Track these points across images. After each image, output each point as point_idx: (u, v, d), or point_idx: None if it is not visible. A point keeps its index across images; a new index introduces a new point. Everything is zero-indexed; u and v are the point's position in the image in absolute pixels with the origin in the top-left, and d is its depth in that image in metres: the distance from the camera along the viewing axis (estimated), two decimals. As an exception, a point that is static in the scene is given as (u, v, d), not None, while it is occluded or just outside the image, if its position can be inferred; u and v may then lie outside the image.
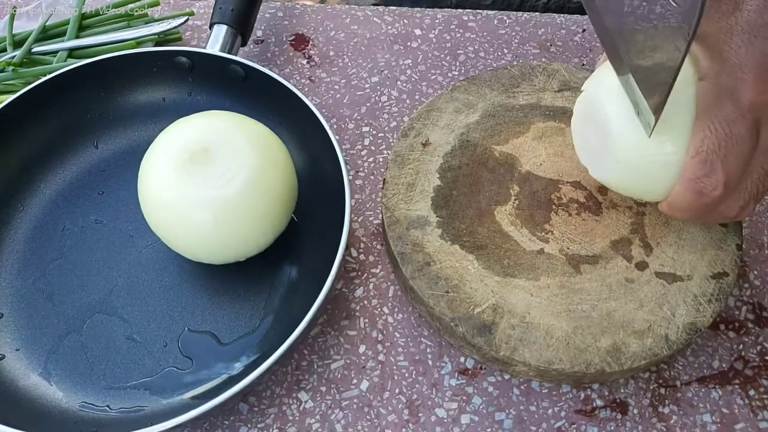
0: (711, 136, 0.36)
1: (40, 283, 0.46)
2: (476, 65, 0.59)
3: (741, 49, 0.35)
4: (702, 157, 0.37)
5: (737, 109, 0.36)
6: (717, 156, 0.37)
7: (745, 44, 0.35)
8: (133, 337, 0.44)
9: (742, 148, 0.36)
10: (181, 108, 0.52)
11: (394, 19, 0.62)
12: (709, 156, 0.37)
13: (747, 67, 0.35)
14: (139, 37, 0.57)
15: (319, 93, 0.58)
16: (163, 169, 0.42)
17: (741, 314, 0.47)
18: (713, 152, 0.37)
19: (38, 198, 0.50)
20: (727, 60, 0.36)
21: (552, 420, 0.43)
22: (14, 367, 0.43)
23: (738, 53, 0.35)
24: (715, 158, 0.37)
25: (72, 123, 0.52)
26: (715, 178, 0.37)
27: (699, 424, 0.42)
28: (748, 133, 0.36)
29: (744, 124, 0.36)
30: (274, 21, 0.62)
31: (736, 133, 0.36)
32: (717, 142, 0.36)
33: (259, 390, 0.44)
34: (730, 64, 0.35)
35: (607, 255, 0.44)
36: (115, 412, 0.42)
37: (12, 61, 0.55)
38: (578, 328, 0.41)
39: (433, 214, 0.46)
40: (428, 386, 0.44)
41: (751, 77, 0.35)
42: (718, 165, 0.37)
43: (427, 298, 0.42)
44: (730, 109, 0.36)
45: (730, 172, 0.37)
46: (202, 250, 0.43)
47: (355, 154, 0.54)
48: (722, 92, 0.36)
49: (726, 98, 0.36)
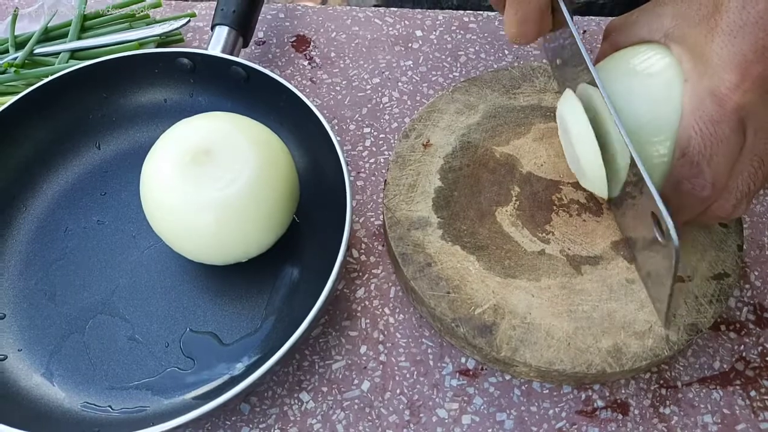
0: (696, 137, 0.37)
1: (42, 283, 0.47)
2: (477, 66, 0.59)
3: (723, 50, 0.35)
4: (688, 159, 0.37)
5: (721, 110, 0.36)
6: (703, 157, 0.37)
7: (726, 45, 0.35)
8: (135, 337, 0.44)
9: (728, 147, 0.37)
10: (183, 109, 0.52)
11: (395, 21, 0.62)
12: (696, 157, 0.37)
13: (729, 67, 0.35)
14: (141, 38, 0.57)
15: (320, 94, 0.58)
16: (165, 171, 0.42)
17: (742, 315, 0.47)
18: (699, 153, 0.37)
19: (41, 199, 0.50)
20: (709, 61, 0.36)
21: (553, 420, 0.43)
22: (17, 368, 0.43)
23: (720, 54, 0.35)
24: (701, 159, 0.37)
25: (74, 124, 0.52)
26: (703, 179, 0.37)
27: (700, 425, 0.42)
28: (733, 133, 0.36)
29: (729, 124, 0.36)
30: (276, 22, 0.62)
31: (721, 134, 0.36)
32: (703, 143, 0.37)
33: (261, 390, 0.44)
34: (713, 65, 0.36)
35: (608, 256, 0.44)
36: (117, 413, 0.42)
37: (14, 63, 0.55)
38: (579, 328, 0.41)
39: (434, 215, 0.46)
40: (429, 387, 0.44)
41: (734, 77, 0.35)
42: (705, 165, 0.37)
43: (428, 299, 0.42)
44: (715, 109, 0.36)
45: (717, 173, 0.37)
46: (203, 251, 0.43)
47: (357, 155, 0.54)
48: (705, 93, 0.36)
49: (710, 99, 0.36)
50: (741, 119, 0.36)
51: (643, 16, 0.41)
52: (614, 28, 0.43)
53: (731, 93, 0.35)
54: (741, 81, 0.35)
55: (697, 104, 0.37)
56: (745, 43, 0.35)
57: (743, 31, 0.35)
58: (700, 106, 0.37)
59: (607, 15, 0.62)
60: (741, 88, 0.35)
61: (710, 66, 0.36)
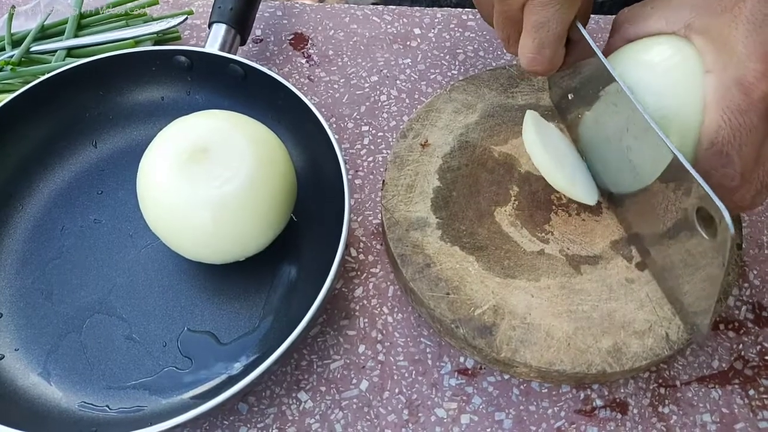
0: (725, 127, 0.36)
1: (39, 282, 0.46)
2: (476, 64, 0.59)
3: (748, 39, 0.35)
4: (717, 149, 0.37)
5: (749, 99, 0.36)
6: (732, 146, 0.36)
7: (751, 34, 0.35)
8: (133, 336, 0.44)
9: (756, 137, 0.36)
10: (180, 107, 0.52)
11: (394, 18, 0.62)
12: (725, 147, 0.37)
13: (755, 57, 0.35)
14: (138, 36, 0.57)
15: (318, 92, 0.57)
16: (162, 169, 0.41)
17: (741, 314, 0.47)
18: (728, 143, 0.37)
19: (37, 197, 0.50)
20: (733, 51, 0.36)
21: (552, 420, 0.43)
22: (13, 367, 0.43)
23: (745, 43, 0.35)
24: (730, 149, 0.37)
25: (71, 122, 0.52)
26: (732, 169, 0.37)
27: (699, 424, 0.42)
28: (760, 122, 0.36)
29: (756, 113, 0.36)
30: (273, 20, 0.62)
31: (749, 123, 0.36)
32: (732, 133, 0.36)
33: (259, 390, 0.44)
34: (738, 55, 0.36)
35: (608, 255, 0.44)
36: (115, 412, 0.42)
37: (10, 61, 0.55)
38: (579, 328, 0.41)
39: (433, 215, 0.46)
40: (428, 386, 0.44)
41: (761, 66, 0.35)
42: (735, 155, 0.37)
43: (427, 300, 0.42)
44: (741, 98, 0.36)
45: (747, 162, 0.37)
46: (201, 250, 0.43)
47: (355, 154, 0.54)
48: (731, 83, 0.36)
49: (736, 89, 0.36)
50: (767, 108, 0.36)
51: (659, 7, 0.40)
52: (626, 19, 0.42)
53: (758, 82, 0.35)
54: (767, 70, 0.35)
55: (723, 94, 0.36)
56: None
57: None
58: (726, 95, 0.36)
59: (606, 13, 0.62)
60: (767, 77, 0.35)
61: (735, 56, 0.36)
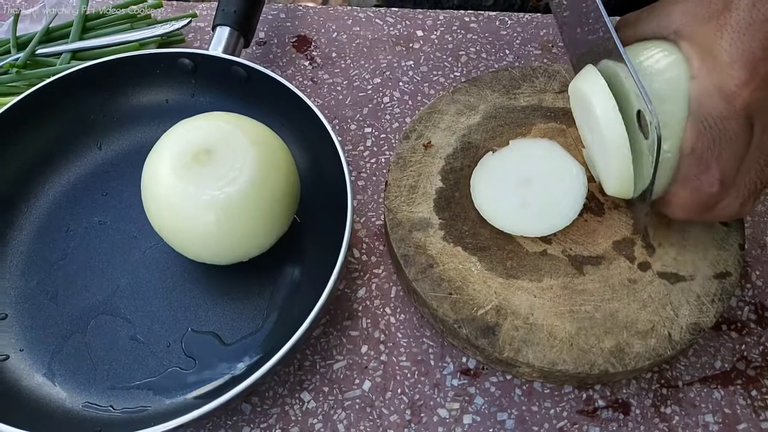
0: (705, 134, 0.37)
1: (44, 283, 0.47)
2: (478, 66, 0.59)
3: (732, 47, 0.36)
4: (697, 155, 0.37)
5: (729, 106, 0.36)
6: (711, 153, 0.37)
7: (735, 42, 0.35)
8: (137, 337, 0.44)
9: (736, 144, 0.37)
10: (184, 109, 0.52)
11: (396, 21, 0.62)
12: (704, 153, 0.37)
13: (738, 65, 0.35)
14: (142, 38, 0.57)
15: (321, 94, 0.58)
16: (166, 171, 0.42)
17: (743, 314, 0.47)
18: (707, 149, 0.37)
19: (42, 199, 0.50)
20: (717, 58, 0.36)
21: (554, 420, 0.43)
22: (18, 368, 0.43)
23: (729, 51, 0.36)
24: (709, 155, 0.37)
25: (75, 125, 0.52)
26: (711, 175, 0.37)
27: (701, 425, 0.42)
28: (741, 130, 0.36)
29: (737, 121, 0.36)
30: (277, 23, 0.63)
31: (729, 130, 0.36)
32: (711, 140, 0.37)
33: (262, 390, 0.44)
34: (721, 63, 0.36)
35: (610, 256, 0.44)
36: (119, 412, 0.42)
37: (16, 63, 0.55)
38: (582, 329, 0.41)
39: (436, 216, 0.46)
40: (430, 386, 0.44)
41: (743, 75, 0.35)
42: (713, 162, 0.37)
43: (430, 300, 0.42)
44: (723, 106, 0.36)
45: (726, 169, 0.37)
46: (205, 251, 0.44)
47: (358, 155, 0.54)
48: (714, 90, 0.36)
49: (718, 96, 0.36)
50: (749, 116, 0.36)
51: (653, 13, 0.41)
52: (625, 24, 0.43)
53: (740, 90, 0.35)
54: (750, 78, 0.35)
55: (705, 101, 0.37)
56: (755, 41, 0.35)
57: (753, 29, 0.35)
58: (708, 102, 0.37)
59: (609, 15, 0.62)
60: (750, 85, 0.35)
61: (719, 63, 0.36)
